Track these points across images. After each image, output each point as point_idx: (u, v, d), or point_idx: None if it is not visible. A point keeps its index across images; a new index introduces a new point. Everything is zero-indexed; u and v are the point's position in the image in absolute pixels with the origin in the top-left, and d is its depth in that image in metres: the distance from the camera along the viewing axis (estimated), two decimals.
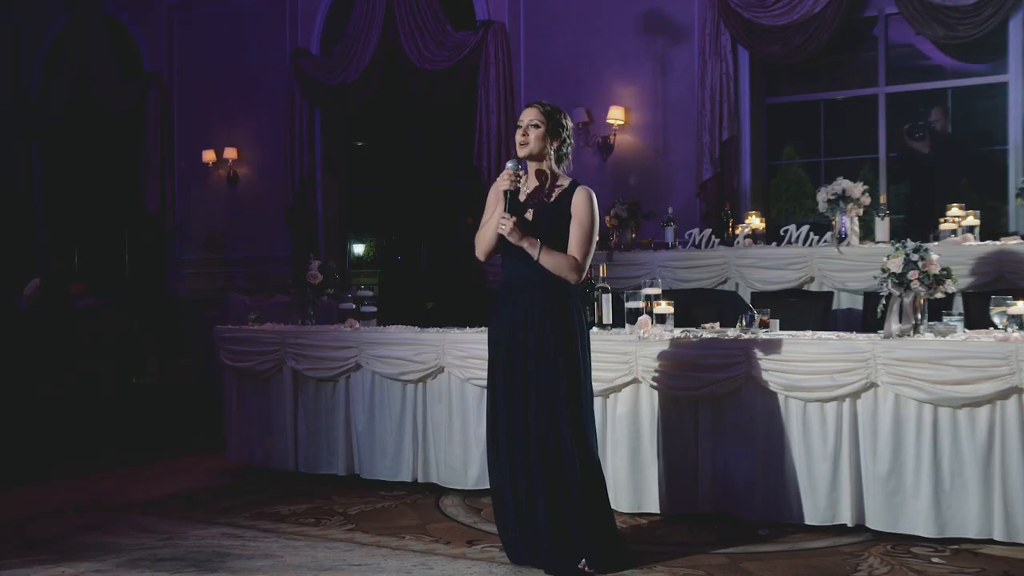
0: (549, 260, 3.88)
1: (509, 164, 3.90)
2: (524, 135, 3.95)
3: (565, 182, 4.01)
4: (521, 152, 3.95)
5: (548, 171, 4.00)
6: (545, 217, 3.94)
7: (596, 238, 3.98)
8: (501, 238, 3.94)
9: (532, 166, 4.00)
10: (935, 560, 3.95)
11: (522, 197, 3.98)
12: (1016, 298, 4.28)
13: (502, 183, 3.89)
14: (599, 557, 3.85)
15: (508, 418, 3.91)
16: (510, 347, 3.93)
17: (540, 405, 3.86)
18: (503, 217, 3.87)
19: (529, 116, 3.96)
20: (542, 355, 3.87)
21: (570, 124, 4.05)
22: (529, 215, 3.95)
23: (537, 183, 4.00)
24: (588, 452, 3.91)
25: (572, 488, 3.83)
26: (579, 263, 3.91)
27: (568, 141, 4.03)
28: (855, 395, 4.33)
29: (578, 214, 3.93)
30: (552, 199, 3.97)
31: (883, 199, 7.19)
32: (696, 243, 7.24)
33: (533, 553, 3.92)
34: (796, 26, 7.94)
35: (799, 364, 4.40)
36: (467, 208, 10.35)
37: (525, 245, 3.88)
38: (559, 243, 3.91)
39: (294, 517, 4.87)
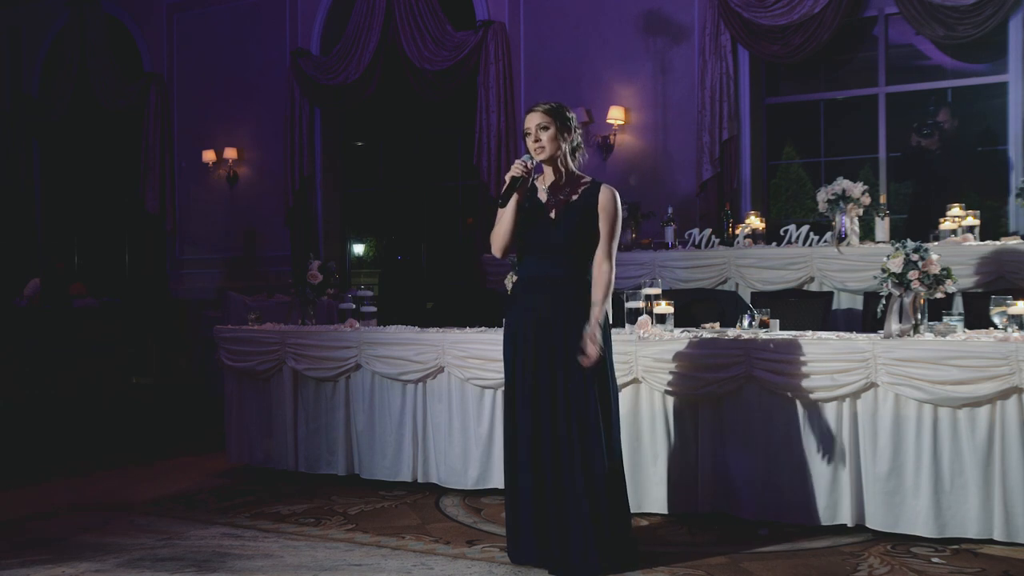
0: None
1: (525, 156, 3.92)
2: (536, 140, 3.93)
3: (587, 180, 4.01)
4: (539, 157, 3.92)
5: (565, 170, 4.00)
6: (571, 213, 3.92)
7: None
8: (519, 235, 3.93)
9: (549, 168, 3.98)
10: (935, 560, 3.95)
11: (542, 196, 3.97)
12: (1016, 298, 4.28)
13: (515, 170, 3.87)
14: (620, 555, 3.85)
15: (534, 416, 3.87)
16: (535, 344, 3.89)
17: (569, 402, 3.83)
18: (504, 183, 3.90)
19: (536, 120, 3.94)
20: (570, 352, 3.83)
21: (575, 117, 4.05)
22: (552, 214, 3.93)
23: (556, 182, 3.99)
24: (613, 450, 3.91)
25: (599, 486, 3.81)
26: (611, 252, 3.94)
27: (578, 133, 4.03)
28: (855, 395, 4.32)
29: (607, 211, 3.93)
30: (577, 196, 3.96)
31: (883, 199, 7.19)
32: (696, 243, 7.23)
33: (545, 554, 3.87)
34: (796, 26, 7.94)
35: (799, 364, 4.40)
36: (467, 208, 10.36)
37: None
38: (587, 238, 3.91)
39: (294, 517, 4.87)
